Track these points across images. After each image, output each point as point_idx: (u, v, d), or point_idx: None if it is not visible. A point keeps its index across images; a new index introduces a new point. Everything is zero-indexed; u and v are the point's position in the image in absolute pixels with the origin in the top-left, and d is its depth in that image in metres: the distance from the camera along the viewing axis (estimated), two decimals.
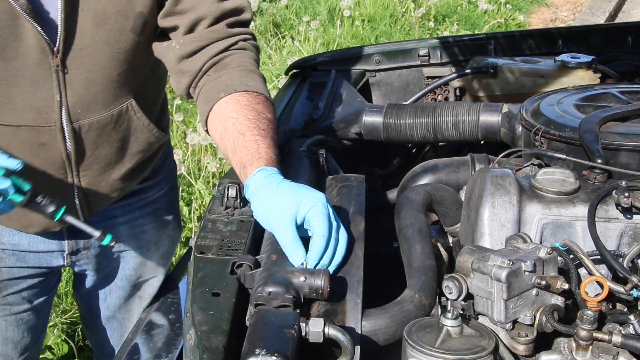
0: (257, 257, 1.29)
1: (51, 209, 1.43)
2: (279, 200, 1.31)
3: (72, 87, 1.54)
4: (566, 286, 1.20)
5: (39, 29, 1.44)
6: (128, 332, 2.04)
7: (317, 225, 1.27)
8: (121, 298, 1.98)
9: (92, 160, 1.65)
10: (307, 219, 1.29)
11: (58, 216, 1.43)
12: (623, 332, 1.18)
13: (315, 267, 1.25)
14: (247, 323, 1.16)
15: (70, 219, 1.46)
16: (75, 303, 2.98)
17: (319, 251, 1.26)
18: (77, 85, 1.54)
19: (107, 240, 1.45)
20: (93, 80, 1.56)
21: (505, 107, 1.93)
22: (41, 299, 1.85)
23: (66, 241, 1.78)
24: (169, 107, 5.37)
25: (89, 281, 1.94)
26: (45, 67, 1.49)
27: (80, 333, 2.97)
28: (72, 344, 2.90)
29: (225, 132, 1.50)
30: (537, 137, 1.63)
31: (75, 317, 3.00)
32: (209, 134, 1.60)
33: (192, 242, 1.42)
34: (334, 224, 1.30)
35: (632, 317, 1.22)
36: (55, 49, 1.48)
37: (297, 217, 1.29)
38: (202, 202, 3.92)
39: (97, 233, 1.45)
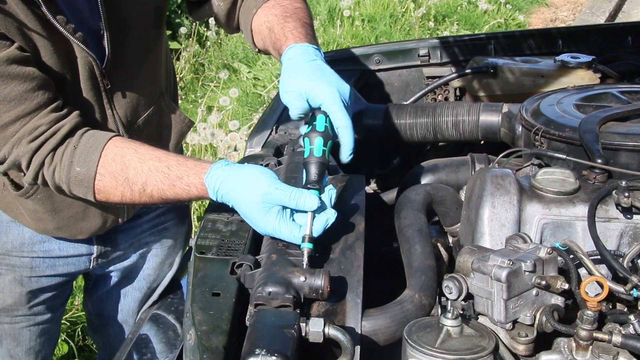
0: (257, 257, 1.29)
1: None
2: (296, 78, 1.39)
3: (118, 98, 1.59)
4: (566, 286, 1.20)
5: (90, 53, 1.48)
6: None
7: (338, 118, 1.34)
8: (136, 300, 1.99)
9: None
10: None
11: None
12: (623, 332, 1.18)
13: (349, 157, 1.35)
14: (247, 323, 1.16)
15: None
16: (80, 306, 2.96)
17: (350, 143, 1.35)
18: (121, 96, 1.60)
19: None
20: (132, 85, 1.62)
21: (505, 107, 1.93)
22: (61, 307, 1.87)
23: (95, 245, 1.79)
24: None
25: (107, 283, 1.94)
26: (96, 89, 1.54)
27: (80, 333, 2.96)
28: (72, 344, 2.89)
29: (265, 36, 1.58)
30: (537, 137, 1.63)
31: (74, 317, 3.00)
32: (259, 52, 1.67)
33: (192, 242, 1.42)
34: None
35: (632, 317, 1.22)
36: (103, 70, 1.53)
37: (308, 98, 1.37)
38: (202, 202, 3.92)
39: None
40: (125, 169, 1.41)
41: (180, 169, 1.38)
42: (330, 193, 1.33)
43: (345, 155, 1.37)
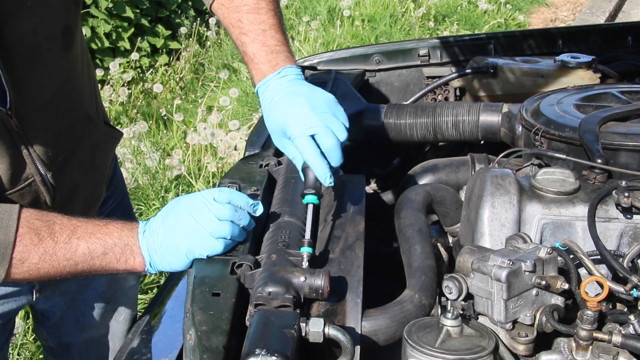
0: (257, 257, 1.29)
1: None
2: (270, 120, 1.42)
3: (34, 136, 1.45)
4: (566, 286, 1.20)
5: None
6: (107, 348, 1.96)
7: (305, 156, 1.36)
8: (97, 316, 1.91)
9: (75, 199, 1.61)
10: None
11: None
12: (623, 332, 1.18)
13: (329, 183, 1.35)
14: (247, 323, 1.16)
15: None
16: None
17: (322, 173, 1.35)
18: (37, 133, 1.46)
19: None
20: (49, 118, 1.49)
21: (505, 107, 1.93)
22: (5, 346, 1.73)
23: None
24: (168, 107, 5.39)
25: (58, 310, 1.84)
26: (3, 134, 1.38)
27: None
28: None
29: (229, 31, 1.55)
30: (537, 137, 1.63)
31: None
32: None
33: None
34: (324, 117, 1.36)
35: (632, 317, 1.21)
36: (8, 112, 1.37)
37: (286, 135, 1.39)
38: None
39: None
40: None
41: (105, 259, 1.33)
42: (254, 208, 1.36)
43: (324, 182, 1.37)
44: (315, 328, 1.11)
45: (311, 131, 1.34)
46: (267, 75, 1.46)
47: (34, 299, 1.71)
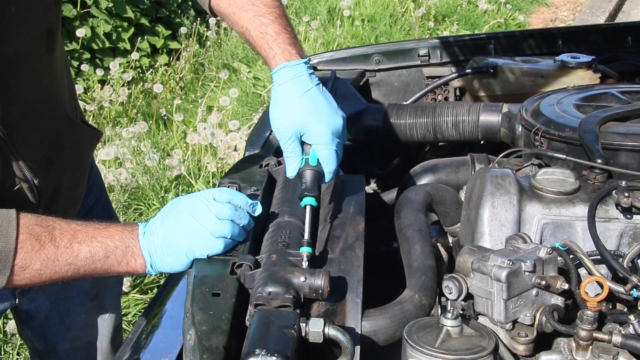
0: (257, 257, 1.29)
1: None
2: (289, 115, 1.39)
3: (19, 142, 1.44)
4: (566, 286, 1.20)
5: None
6: (95, 348, 1.94)
7: (326, 164, 1.39)
8: (82, 314, 1.89)
9: (58, 199, 1.61)
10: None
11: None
12: (623, 332, 1.18)
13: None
14: (247, 323, 1.16)
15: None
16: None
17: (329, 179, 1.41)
18: (22, 138, 1.45)
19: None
20: (33, 122, 1.48)
21: (505, 107, 1.93)
22: None
23: None
24: (168, 107, 5.39)
25: (43, 310, 1.83)
26: None
27: None
28: None
29: (239, 30, 1.52)
30: (537, 137, 1.63)
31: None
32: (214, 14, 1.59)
33: None
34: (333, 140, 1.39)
35: (632, 317, 1.22)
36: None
37: (300, 136, 1.40)
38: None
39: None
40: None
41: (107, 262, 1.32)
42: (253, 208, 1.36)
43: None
44: (315, 328, 1.11)
45: (338, 146, 1.40)
46: (296, 59, 1.43)
47: (16, 302, 1.69)
